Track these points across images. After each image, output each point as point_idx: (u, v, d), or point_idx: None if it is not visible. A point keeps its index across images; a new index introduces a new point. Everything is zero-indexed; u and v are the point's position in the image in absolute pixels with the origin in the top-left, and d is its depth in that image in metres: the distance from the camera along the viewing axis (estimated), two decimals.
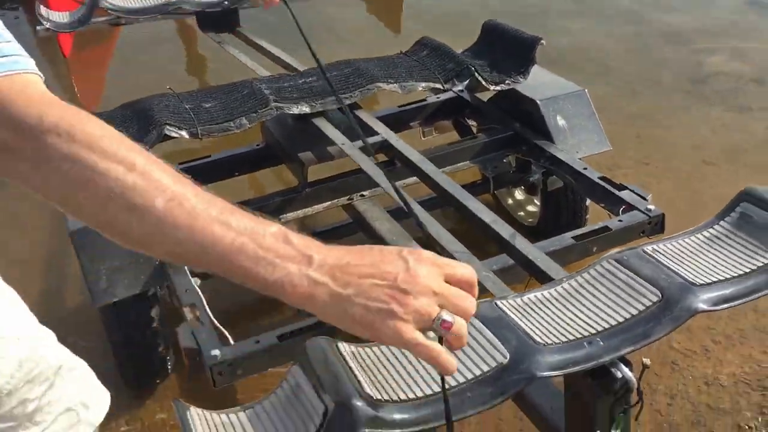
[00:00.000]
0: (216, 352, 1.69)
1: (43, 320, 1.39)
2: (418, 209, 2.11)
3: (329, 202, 2.48)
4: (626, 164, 3.46)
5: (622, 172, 3.34)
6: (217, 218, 0.84)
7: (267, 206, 2.41)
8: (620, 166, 3.40)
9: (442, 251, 1.92)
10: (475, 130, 2.88)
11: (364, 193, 2.49)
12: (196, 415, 1.32)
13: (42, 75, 0.89)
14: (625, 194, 2.19)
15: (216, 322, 1.82)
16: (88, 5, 3.41)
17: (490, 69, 2.63)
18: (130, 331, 2.23)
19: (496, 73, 2.61)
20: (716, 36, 5.00)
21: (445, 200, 2.25)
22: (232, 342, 1.75)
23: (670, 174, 3.43)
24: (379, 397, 1.24)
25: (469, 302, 0.88)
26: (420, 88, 2.57)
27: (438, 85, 2.57)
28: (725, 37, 4.97)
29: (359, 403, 1.20)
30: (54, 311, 2.75)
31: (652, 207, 2.11)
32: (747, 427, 2.21)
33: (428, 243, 1.94)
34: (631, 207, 2.14)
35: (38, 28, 3.52)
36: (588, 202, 2.70)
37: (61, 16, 3.63)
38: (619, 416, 1.44)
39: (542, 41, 2.59)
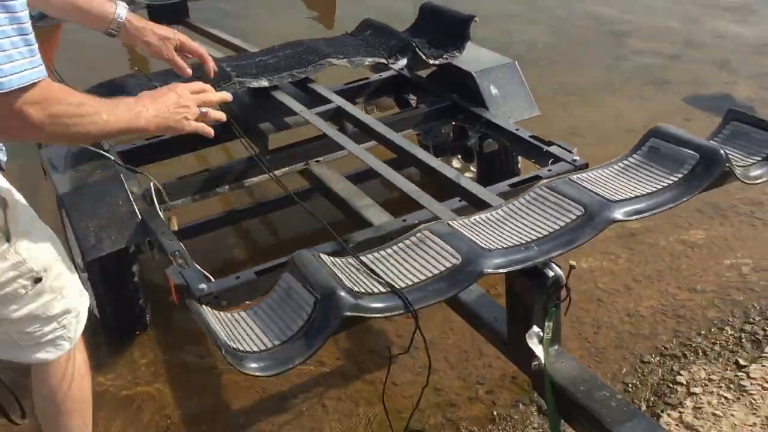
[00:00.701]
0: (203, 285, 1.92)
1: None
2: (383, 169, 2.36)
3: (288, 168, 2.73)
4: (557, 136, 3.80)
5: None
6: (123, 112, 1.59)
7: (230, 173, 2.66)
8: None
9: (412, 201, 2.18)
10: (414, 105, 3.16)
11: (319, 159, 2.76)
12: (208, 311, 1.57)
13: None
14: (553, 149, 2.49)
15: (197, 265, 2.06)
16: None
17: (429, 45, 2.92)
18: (114, 284, 2.44)
19: (434, 49, 2.90)
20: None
21: (402, 156, 2.51)
22: (212, 280, 1.99)
23: (595, 140, 3.78)
24: (358, 290, 1.51)
25: (210, 95, 1.84)
26: (366, 63, 2.84)
27: (383, 60, 2.85)
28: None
29: (343, 294, 1.47)
30: None
31: (577, 158, 2.42)
32: (664, 348, 2.55)
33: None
34: (558, 159, 2.45)
35: None
36: (520, 164, 3.00)
37: None
38: (551, 310, 1.74)
39: (475, 18, 2.89)
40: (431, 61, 2.87)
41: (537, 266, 1.66)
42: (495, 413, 2.33)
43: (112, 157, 2.41)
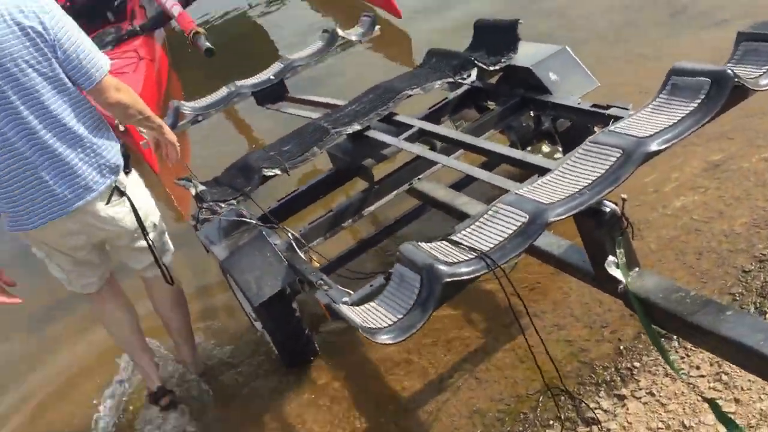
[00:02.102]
0: (346, 298, 2.39)
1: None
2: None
3: (396, 191, 3.18)
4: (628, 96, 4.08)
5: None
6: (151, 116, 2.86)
7: (349, 207, 3.14)
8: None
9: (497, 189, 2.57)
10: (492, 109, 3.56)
11: (419, 177, 3.20)
12: (348, 309, 2.04)
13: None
14: (612, 111, 2.83)
15: (338, 286, 2.53)
16: (173, 114, 4.21)
17: (487, 55, 3.32)
18: (280, 322, 2.95)
19: (492, 57, 3.30)
20: None
21: (485, 155, 2.91)
22: (352, 293, 2.45)
23: None
24: (451, 260, 1.93)
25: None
26: (437, 86, 3.28)
27: (450, 79, 3.28)
28: None
29: (440, 266, 1.89)
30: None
31: (631, 111, 2.74)
32: (762, 255, 2.80)
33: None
34: (617, 118, 2.78)
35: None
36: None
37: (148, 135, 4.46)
38: (618, 239, 2.09)
39: (520, 21, 3.27)
40: (492, 68, 3.27)
41: (592, 207, 2.02)
42: (622, 347, 2.66)
43: (254, 221, 2.94)
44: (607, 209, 2.04)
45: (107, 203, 2.74)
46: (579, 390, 2.55)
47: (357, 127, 3.17)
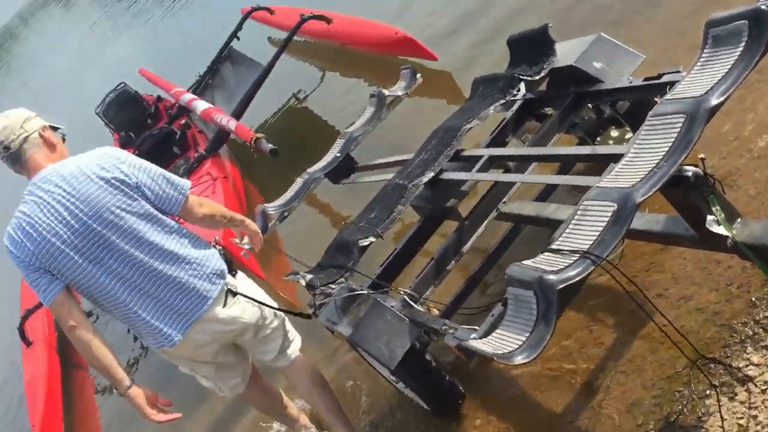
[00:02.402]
0: (474, 335, 2.47)
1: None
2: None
3: (486, 221, 3.26)
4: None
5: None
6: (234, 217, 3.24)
7: (448, 249, 3.23)
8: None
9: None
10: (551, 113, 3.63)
11: (504, 200, 3.27)
12: (476, 342, 2.12)
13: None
14: (664, 78, 2.87)
15: (462, 326, 2.61)
16: (261, 217, 4.41)
17: (529, 67, 3.41)
18: (420, 377, 3.04)
19: (534, 66, 3.38)
20: None
21: (562, 161, 2.98)
22: (477, 328, 2.53)
23: None
24: (558, 269, 2.00)
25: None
26: (492, 111, 3.38)
27: (501, 101, 3.37)
28: None
29: (549, 276, 1.96)
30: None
31: (683, 72, 2.77)
32: None
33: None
34: (672, 83, 2.81)
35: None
36: None
37: (244, 243, 4.65)
38: (710, 198, 2.12)
39: (549, 25, 3.35)
40: (537, 77, 3.35)
41: (674, 176, 2.07)
42: (753, 299, 2.63)
43: (366, 291, 3.06)
44: (689, 173, 2.08)
45: (224, 306, 3.00)
46: (725, 353, 2.54)
47: (431, 174, 3.28)
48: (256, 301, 3.10)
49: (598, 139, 3.59)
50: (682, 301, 2.83)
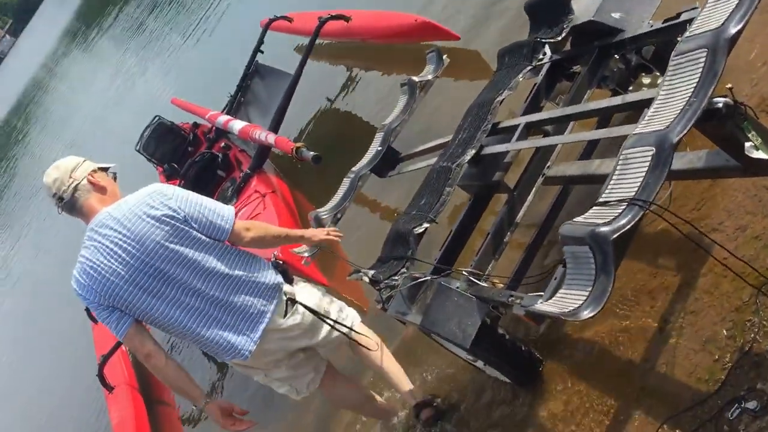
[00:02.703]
0: (540, 300, 2.52)
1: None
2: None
3: (534, 188, 3.31)
4: None
5: None
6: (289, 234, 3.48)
7: (502, 223, 3.29)
8: None
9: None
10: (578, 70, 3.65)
11: (548, 165, 3.32)
12: (543, 305, 2.18)
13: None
14: (683, 16, 2.88)
15: (528, 294, 2.67)
16: (315, 224, 4.48)
17: (549, 29, 3.44)
18: (497, 350, 3.10)
19: (555, 28, 3.42)
20: None
21: (598, 115, 3.01)
22: (542, 293, 2.58)
23: None
24: (608, 220, 2.05)
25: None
26: (521, 79, 3.42)
27: (528, 68, 3.41)
28: None
29: (601, 229, 2.02)
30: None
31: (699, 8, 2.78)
32: None
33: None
34: (692, 20, 2.83)
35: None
36: None
37: (303, 251, 4.76)
38: (744, 124, 2.14)
39: None
40: (559, 38, 3.38)
41: (705, 110, 2.10)
42: None
43: (430, 277, 3.13)
44: (720, 104, 2.11)
45: (285, 316, 3.24)
46: None
47: (472, 151, 3.34)
48: (312, 311, 3.32)
49: (631, 88, 3.60)
50: (738, 231, 2.85)
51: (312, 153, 5.40)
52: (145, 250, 2.99)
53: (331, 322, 3.39)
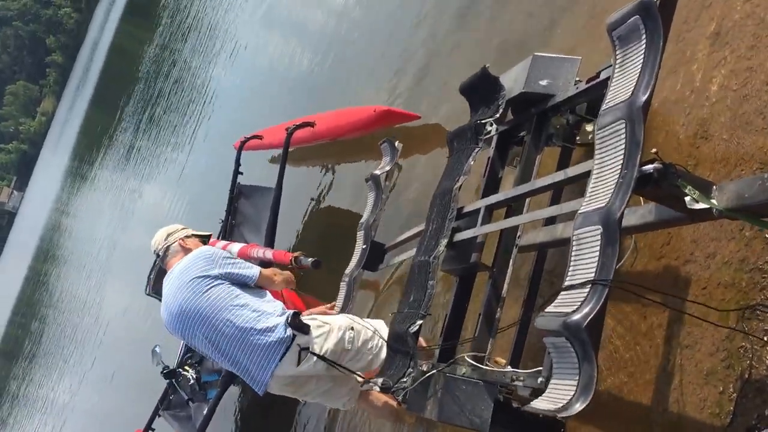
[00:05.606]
0: (540, 378, 2.60)
1: None
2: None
3: (511, 260, 3.42)
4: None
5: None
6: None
7: (490, 300, 3.39)
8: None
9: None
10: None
11: (519, 235, 3.44)
12: (537, 403, 2.27)
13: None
14: (602, 74, 3.02)
15: (527, 370, 2.76)
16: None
17: (487, 107, 3.59)
18: (515, 424, 3.17)
19: (491, 105, 3.57)
20: None
21: (549, 190, 3.15)
22: (540, 368, 2.67)
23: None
24: (577, 307, 2.15)
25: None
26: (473, 161, 3.56)
27: (476, 150, 3.55)
28: None
29: (572, 318, 2.12)
30: None
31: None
32: None
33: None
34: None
35: None
36: None
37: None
38: (679, 182, 2.27)
39: (487, 65, 3.54)
40: (496, 115, 3.53)
41: (638, 177, 2.21)
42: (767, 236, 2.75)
43: (434, 370, 3.22)
44: (651, 170, 2.24)
45: (298, 365, 3.81)
46: (764, 295, 2.66)
47: (444, 241, 3.46)
48: (323, 359, 3.85)
49: (578, 139, 3.75)
50: (708, 259, 2.95)
51: (311, 259, 5.46)
52: (183, 302, 3.99)
53: (344, 370, 3.84)
